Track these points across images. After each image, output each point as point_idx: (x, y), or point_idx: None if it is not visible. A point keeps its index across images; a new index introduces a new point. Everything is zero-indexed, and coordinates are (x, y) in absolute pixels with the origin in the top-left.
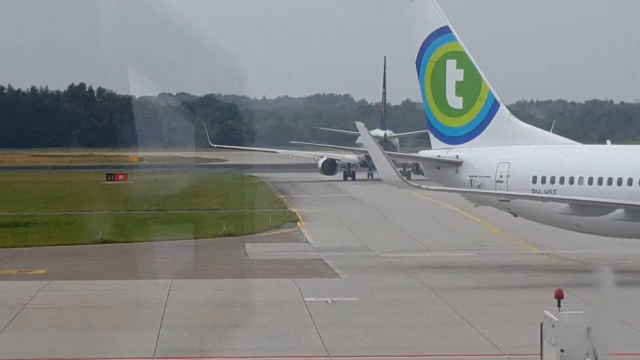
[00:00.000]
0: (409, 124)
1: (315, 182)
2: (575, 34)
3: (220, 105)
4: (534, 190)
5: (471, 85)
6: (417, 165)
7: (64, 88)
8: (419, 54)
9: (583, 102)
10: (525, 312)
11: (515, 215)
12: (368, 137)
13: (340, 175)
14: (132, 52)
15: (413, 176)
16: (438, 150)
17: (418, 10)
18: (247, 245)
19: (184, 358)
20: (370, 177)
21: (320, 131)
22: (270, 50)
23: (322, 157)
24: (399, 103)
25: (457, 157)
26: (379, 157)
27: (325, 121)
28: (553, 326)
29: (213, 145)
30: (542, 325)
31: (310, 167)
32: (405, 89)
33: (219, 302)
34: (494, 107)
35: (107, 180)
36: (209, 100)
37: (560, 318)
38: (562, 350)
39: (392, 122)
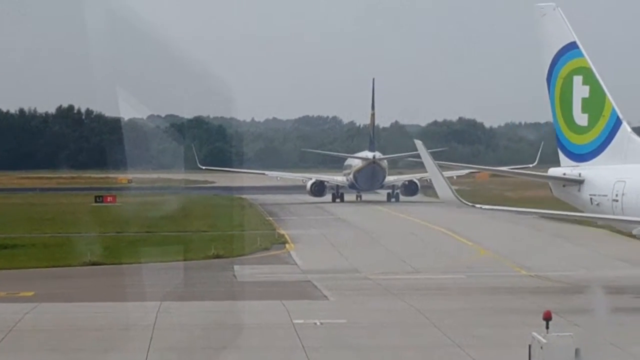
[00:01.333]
0: (398, 146)
1: (303, 204)
2: None
3: (209, 127)
4: None
5: (596, 102)
6: (406, 186)
7: (52, 110)
8: (549, 70)
9: None
10: (514, 334)
11: None
12: (426, 155)
13: (328, 197)
14: (121, 73)
15: (402, 197)
16: (564, 167)
17: (548, 25)
18: (236, 267)
19: None
20: (359, 198)
21: (308, 153)
22: (259, 72)
23: (311, 178)
24: (387, 125)
25: (579, 174)
26: (437, 176)
27: (314, 143)
28: (541, 347)
29: (201, 166)
30: (530, 346)
31: (298, 188)
32: (394, 110)
33: (207, 324)
34: (616, 124)
35: (96, 202)
36: (198, 122)
37: (548, 339)
38: None
39: (380, 143)
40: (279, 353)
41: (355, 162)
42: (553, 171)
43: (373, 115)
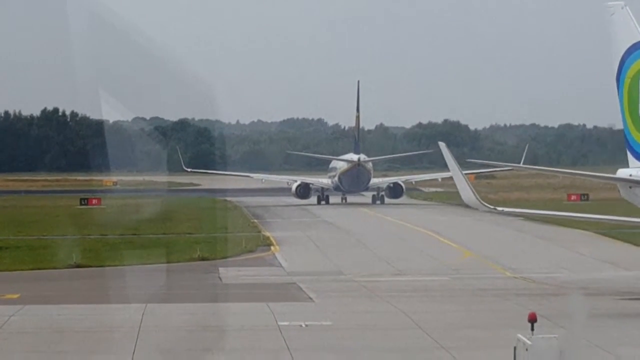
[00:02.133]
0: (383, 148)
1: (288, 206)
2: (547, 58)
3: (194, 129)
4: None
5: None
6: (391, 188)
7: (37, 112)
8: (618, 70)
9: (556, 126)
10: (499, 336)
11: None
12: (450, 157)
13: (313, 199)
14: (106, 76)
15: (386, 200)
16: (632, 168)
17: (617, 24)
18: (221, 269)
19: None
20: (344, 200)
21: (293, 155)
22: (244, 74)
23: (296, 180)
24: (372, 127)
25: None
26: (459, 179)
27: (299, 145)
28: (526, 349)
29: (186, 169)
30: (515, 348)
31: (283, 190)
32: (379, 112)
33: (192, 326)
34: None
35: (81, 204)
36: (183, 125)
37: (533, 341)
38: None
39: (365, 146)
40: (264, 355)
41: (340, 165)
42: (621, 172)
43: (358, 117)
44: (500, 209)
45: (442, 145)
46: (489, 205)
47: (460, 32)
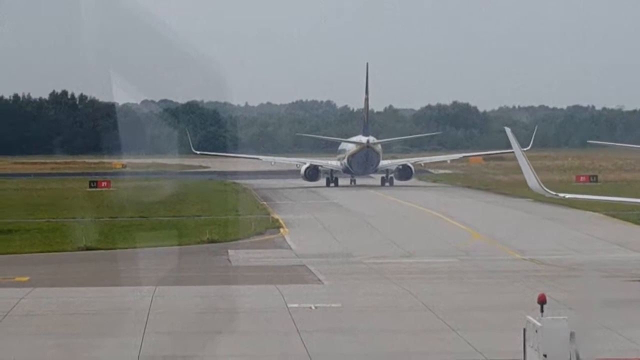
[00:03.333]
0: (391, 130)
1: (297, 188)
2: (557, 40)
3: (203, 112)
4: None
5: None
6: (400, 170)
7: (46, 95)
8: None
9: (565, 107)
10: (508, 317)
11: None
12: (515, 143)
13: (322, 181)
14: (115, 59)
15: (395, 182)
16: None
17: None
18: (230, 252)
19: None
20: (353, 183)
21: (302, 137)
22: (253, 57)
23: (305, 163)
24: (381, 109)
25: None
26: (524, 165)
27: (308, 127)
28: (536, 331)
29: (196, 151)
30: (524, 330)
31: (292, 173)
32: (388, 94)
33: (202, 308)
34: None
35: (90, 187)
36: (192, 107)
37: (542, 323)
38: (545, 355)
39: (374, 128)
40: (273, 337)
41: (349, 147)
42: None
43: (367, 99)
44: (562, 195)
45: (507, 130)
46: (551, 192)
47: (470, 14)
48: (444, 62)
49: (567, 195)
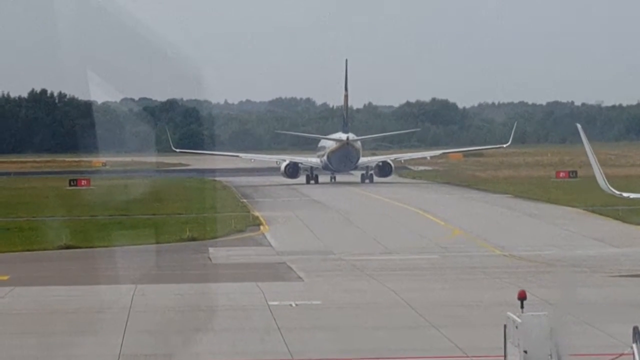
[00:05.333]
0: (371, 127)
1: (277, 186)
2: (535, 35)
3: (182, 110)
4: None
5: None
6: (380, 167)
7: (25, 94)
8: None
9: (544, 103)
10: (488, 314)
11: None
12: (587, 142)
13: (302, 178)
14: (93, 57)
15: (375, 178)
16: None
17: None
18: (211, 250)
19: None
20: (333, 180)
21: (282, 135)
22: (232, 54)
23: (285, 160)
24: (360, 106)
25: None
26: (594, 164)
27: (287, 124)
28: (516, 327)
29: (175, 149)
30: (505, 326)
31: (272, 170)
32: (367, 91)
33: (182, 306)
34: None
35: (70, 185)
36: (171, 105)
37: (523, 319)
38: (526, 351)
39: (354, 125)
40: (254, 334)
41: (329, 144)
42: None
43: (346, 96)
44: (626, 195)
45: (579, 127)
46: (615, 191)
47: (448, 11)
48: (423, 59)
49: (632, 195)
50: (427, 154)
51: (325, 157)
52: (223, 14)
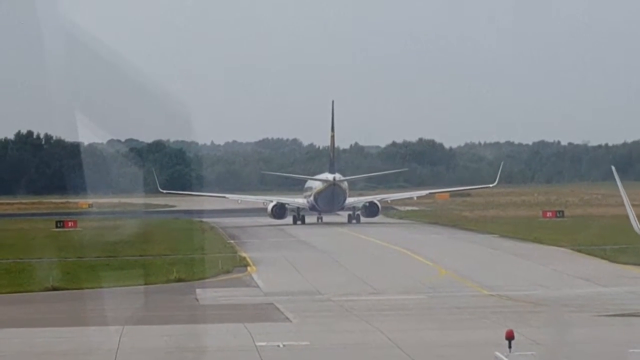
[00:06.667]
0: (358, 167)
1: (264, 226)
2: (521, 75)
3: (169, 151)
4: None
5: None
6: (367, 207)
7: (11, 135)
8: None
9: (530, 143)
10: (477, 353)
11: None
12: (620, 185)
13: (289, 219)
14: (80, 99)
15: (362, 219)
16: None
17: None
18: (198, 291)
19: None
20: (320, 220)
21: (269, 175)
22: (218, 95)
23: (271, 201)
24: (347, 146)
25: None
26: (628, 206)
27: (274, 165)
28: None
29: (162, 190)
30: None
31: (259, 211)
32: (354, 132)
33: (170, 347)
34: None
35: (57, 227)
36: (158, 146)
37: (510, 359)
38: None
39: (340, 165)
40: None
41: (315, 184)
42: None
43: (333, 137)
44: None
45: (613, 169)
46: None
47: (433, 51)
48: (409, 99)
49: None
50: (414, 194)
51: (312, 198)
52: (211, 56)
